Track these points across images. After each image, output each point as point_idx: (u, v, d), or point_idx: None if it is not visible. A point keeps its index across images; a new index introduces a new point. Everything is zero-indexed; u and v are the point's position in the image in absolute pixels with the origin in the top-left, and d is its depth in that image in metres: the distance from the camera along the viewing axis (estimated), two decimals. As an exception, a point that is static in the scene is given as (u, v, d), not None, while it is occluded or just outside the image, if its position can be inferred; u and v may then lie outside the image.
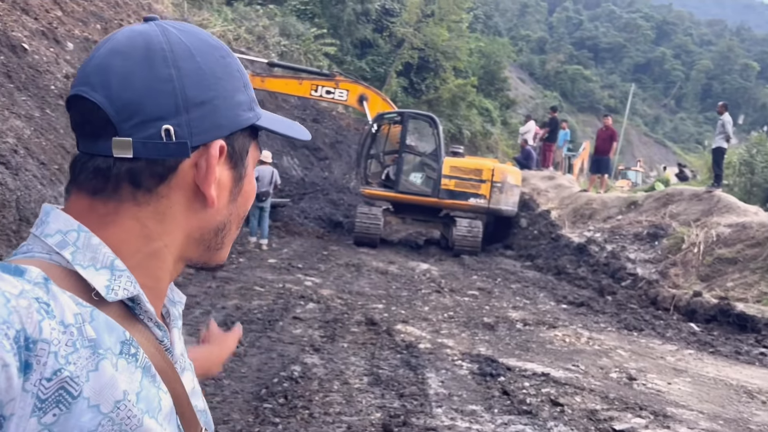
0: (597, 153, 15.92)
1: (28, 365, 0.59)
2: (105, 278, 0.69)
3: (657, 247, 10.99)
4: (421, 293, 9.12)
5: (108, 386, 0.65)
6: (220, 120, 0.75)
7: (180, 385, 0.77)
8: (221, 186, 0.77)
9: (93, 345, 0.65)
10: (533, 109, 50.26)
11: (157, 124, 0.71)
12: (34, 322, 0.60)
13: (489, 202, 13.34)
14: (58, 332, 0.62)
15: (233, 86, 0.77)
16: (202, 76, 0.73)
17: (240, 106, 0.77)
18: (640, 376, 6.06)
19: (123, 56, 0.71)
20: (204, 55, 0.75)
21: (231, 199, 0.79)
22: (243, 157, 0.80)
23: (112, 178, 0.71)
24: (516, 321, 7.92)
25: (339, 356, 5.99)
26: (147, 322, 0.75)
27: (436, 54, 33.91)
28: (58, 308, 0.64)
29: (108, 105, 0.70)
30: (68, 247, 0.70)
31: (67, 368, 0.62)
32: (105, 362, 0.66)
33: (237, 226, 0.83)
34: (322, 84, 14.37)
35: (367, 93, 14.46)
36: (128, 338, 0.70)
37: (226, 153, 0.76)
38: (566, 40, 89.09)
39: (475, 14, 50.03)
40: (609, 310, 9.06)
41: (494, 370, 5.89)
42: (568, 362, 6.40)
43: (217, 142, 0.75)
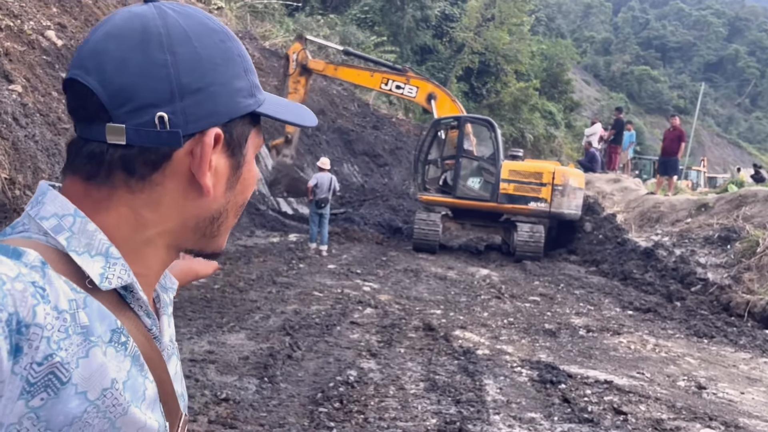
0: (664, 154, 15.38)
1: (19, 348, 0.59)
2: (99, 265, 0.69)
3: (729, 251, 10.50)
4: (480, 299, 8.99)
5: (97, 374, 0.65)
6: (216, 107, 0.73)
7: (166, 373, 0.77)
8: (218, 174, 0.75)
9: (85, 332, 0.65)
10: (599, 111, 49.18)
11: (151, 111, 0.69)
12: (28, 306, 0.60)
13: (550, 206, 13.05)
14: (52, 317, 0.62)
15: (232, 72, 0.75)
16: (199, 62, 0.71)
17: (239, 93, 0.75)
18: (710, 385, 5.78)
19: (118, 40, 0.70)
20: (202, 39, 0.73)
21: (228, 187, 0.77)
22: (242, 145, 0.78)
23: (106, 164, 0.70)
24: (579, 327, 7.70)
25: (396, 361, 5.95)
26: (138, 310, 0.75)
27: (497, 58, 33.66)
28: (54, 293, 0.63)
29: (101, 90, 0.69)
30: (64, 232, 0.69)
31: (58, 354, 0.62)
32: (95, 350, 0.66)
33: (235, 214, 0.81)
34: (393, 78, 14.33)
35: (436, 92, 14.36)
36: (119, 327, 0.70)
37: (224, 141, 0.74)
38: (632, 40, 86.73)
39: (536, 17, 49.37)
40: (677, 316, 8.70)
41: (555, 377, 5.72)
42: (633, 370, 6.17)
43: (212, 130, 0.73)
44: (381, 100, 27.47)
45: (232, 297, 7.77)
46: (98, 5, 12.73)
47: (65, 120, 9.04)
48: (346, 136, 20.86)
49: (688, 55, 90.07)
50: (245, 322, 6.79)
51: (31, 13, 10.28)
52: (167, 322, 0.84)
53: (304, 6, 29.26)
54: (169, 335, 0.84)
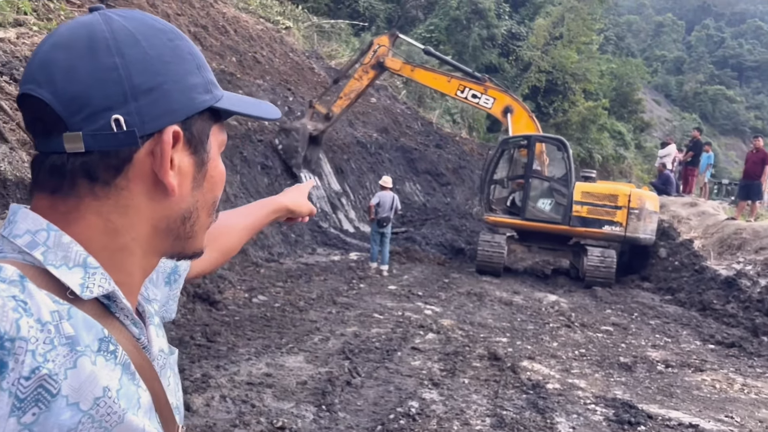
0: (746, 177, 14.51)
1: (4, 364, 0.58)
2: (79, 276, 0.69)
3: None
4: (548, 327, 8.54)
5: (87, 383, 0.65)
6: (171, 105, 0.72)
7: (158, 383, 0.77)
8: (182, 173, 0.75)
9: (71, 342, 0.65)
10: (670, 132, 47.66)
11: (106, 114, 0.69)
12: (10, 320, 0.59)
13: (625, 230, 12.43)
14: (36, 330, 0.62)
15: (184, 69, 0.74)
16: (149, 62, 0.71)
17: (194, 89, 0.75)
18: (809, 434, 5.22)
19: (65, 49, 0.70)
20: (150, 39, 0.72)
21: (195, 185, 0.77)
22: (203, 141, 0.77)
23: (68, 174, 0.70)
24: (656, 361, 7.17)
25: (459, 393, 5.62)
26: (123, 319, 0.74)
27: (565, 76, 33.00)
28: (35, 306, 0.63)
29: (55, 100, 0.69)
30: (39, 247, 0.69)
31: (45, 366, 0.61)
32: (83, 359, 0.65)
33: (207, 213, 0.81)
34: (471, 86, 14.00)
35: (513, 105, 13.93)
36: (106, 335, 0.70)
37: (184, 138, 0.74)
38: (706, 59, 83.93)
39: (605, 36, 48.33)
40: (765, 352, 8.03)
41: (633, 418, 5.28)
42: (720, 412, 5.64)
43: (170, 128, 0.72)
44: (445, 119, 27.22)
45: (292, 317, 7.61)
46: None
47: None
48: (408, 154, 20.67)
49: (767, 74, 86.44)
50: (304, 344, 6.60)
51: None
52: (155, 332, 0.83)
53: (371, 26, 29.41)
54: (158, 346, 0.82)
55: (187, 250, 0.81)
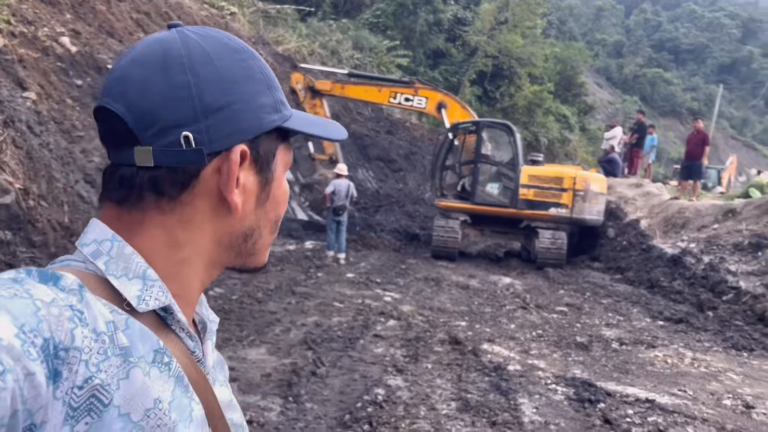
0: (688, 158, 15.01)
1: (58, 373, 0.59)
2: (137, 288, 0.70)
3: (761, 258, 10.15)
4: (505, 309, 8.70)
5: (138, 394, 0.65)
6: (241, 124, 0.74)
7: (212, 395, 0.77)
8: (247, 191, 0.76)
9: (124, 353, 0.65)
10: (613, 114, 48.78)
11: (176, 131, 0.70)
12: (65, 329, 0.60)
13: (572, 212, 12.72)
14: (90, 340, 0.62)
15: (255, 89, 0.75)
16: (221, 81, 0.72)
17: (262, 109, 0.76)
18: (758, 404, 5.46)
19: (141, 65, 0.72)
20: (223, 59, 0.74)
21: (258, 204, 0.79)
22: (269, 161, 0.79)
23: (136, 187, 0.71)
24: (611, 340, 7.39)
25: (423, 378, 5.68)
26: (179, 332, 0.75)
27: (511, 61, 33.29)
28: (91, 316, 0.64)
29: (128, 114, 0.70)
30: (102, 256, 0.70)
31: (98, 376, 0.62)
32: (136, 370, 0.66)
33: (270, 231, 0.82)
34: (401, 91, 14.21)
35: (446, 100, 14.16)
36: (161, 347, 0.70)
37: (250, 157, 0.75)
38: (645, 42, 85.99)
39: (548, 20, 48.96)
40: (711, 327, 8.37)
41: (593, 396, 5.43)
42: (674, 386, 5.86)
43: (238, 147, 0.74)
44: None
45: (251, 308, 7.54)
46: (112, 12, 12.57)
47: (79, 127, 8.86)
48: (360, 141, 20.62)
49: (702, 57, 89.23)
50: (266, 336, 6.55)
51: (45, 20, 10.12)
52: (211, 347, 0.83)
53: (317, 11, 29.10)
54: (212, 360, 0.82)
55: (249, 264, 0.82)
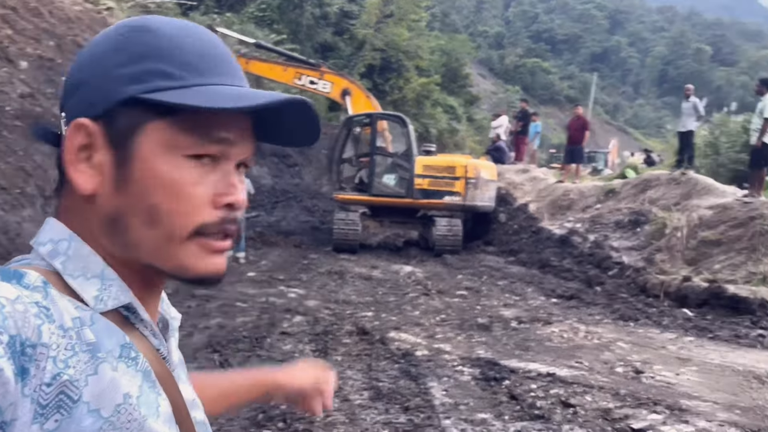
0: (570, 143, 15.85)
1: (25, 370, 0.57)
2: (95, 288, 0.69)
3: (640, 234, 10.91)
4: (409, 297, 8.86)
5: (108, 390, 0.64)
6: (91, 98, 0.69)
7: (178, 393, 0.75)
8: (103, 170, 0.69)
9: (92, 349, 0.64)
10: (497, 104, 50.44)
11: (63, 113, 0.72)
12: (32, 326, 0.59)
13: (464, 199, 13.15)
14: (58, 336, 0.61)
15: (116, 61, 0.69)
16: (89, 58, 0.71)
17: (116, 80, 0.68)
18: (646, 369, 5.89)
19: None
20: (106, 37, 0.71)
21: (117, 186, 0.69)
22: (128, 137, 0.68)
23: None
24: (510, 319, 7.71)
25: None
26: (143, 330, 0.73)
27: (398, 54, 33.74)
28: (57, 312, 0.63)
29: None
30: (59, 256, 0.69)
31: (66, 372, 0.61)
32: (104, 366, 0.65)
33: (144, 222, 0.69)
34: (307, 73, 14.04)
35: (351, 87, 14.17)
36: (128, 342, 0.69)
37: (103, 132, 0.69)
38: (523, 33, 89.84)
39: (432, 13, 50.01)
40: (600, 301, 8.91)
41: (498, 374, 5.65)
42: (571, 359, 6.20)
43: (76, 120, 0.69)
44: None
45: (150, 315, 7.25)
46: None
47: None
48: (252, 137, 20.26)
49: (576, 47, 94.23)
50: (168, 342, 6.33)
51: None
52: (174, 345, 0.81)
53: (199, 5, 28.22)
54: (177, 357, 0.81)
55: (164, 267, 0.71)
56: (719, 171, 20.23)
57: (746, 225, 9.72)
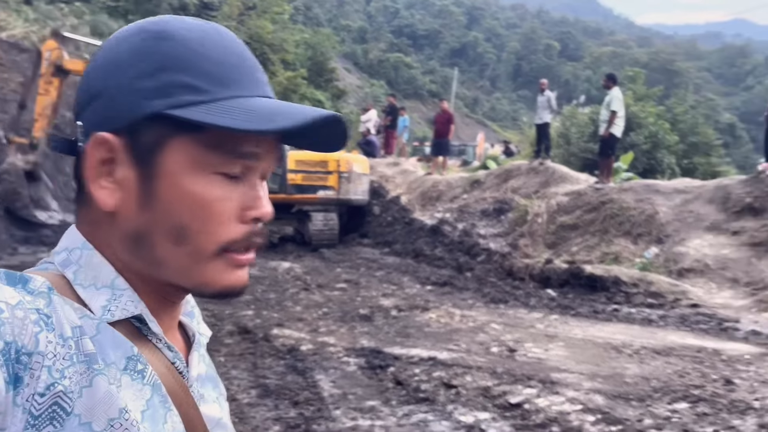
0: (437, 136, 16.42)
1: (19, 378, 0.56)
2: (105, 298, 0.67)
3: (504, 221, 11.56)
4: (289, 293, 8.85)
5: (101, 403, 0.62)
6: (112, 110, 0.67)
7: (194, 409, 0.72)
8: (124, 186, 0.67)
9: (89, 360, 0.63)
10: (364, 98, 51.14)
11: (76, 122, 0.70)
12: (29, 333, 0.58)
13: (338, 193, 13.28)
14: (55, 345, 0.60)
15: (138, 71, 0.66)
16: (107, 65, 0.68)
17: (139, 93, 0.66)
18: (518, 347, 6.28)
19: None
20: (124, 41, 0.69)
21: (141, 204, 0.67)
22: (152, 153, 0.66)
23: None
24: (389, 308, 7.92)
25: (219, 372, 5.59)
26: (156, 342, 0.71)
27: (263, 47, 33.25)
28: (58, 320, 0.61)
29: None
30: (71, 266, 0.68)
31: (61, 382, 0.59)
32: (100, 378, 0.63)
33: (170, 240, 0.67)
34: None
35: None
36: (135, 354, 0.67)
37: (127, 147, 0.67)
38: (385, 28, 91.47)
39: (295, 6, 49.73)
40: (471, 286, 9.36)
41: (382, 362, 5.81)
42: (449, 343, 6.49)
43: (96, 134, 0.67)
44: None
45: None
46: None
47: None
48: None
49: (436, 42, 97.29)
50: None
51: None
52: (197, 360, 0.78)
53: (44, -8, 26.27)
54: (198, 372, 0.77)
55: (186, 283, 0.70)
56: (571, 160, 21.84)
57: (598, 209, 10.59)
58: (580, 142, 23.53)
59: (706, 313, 7.81)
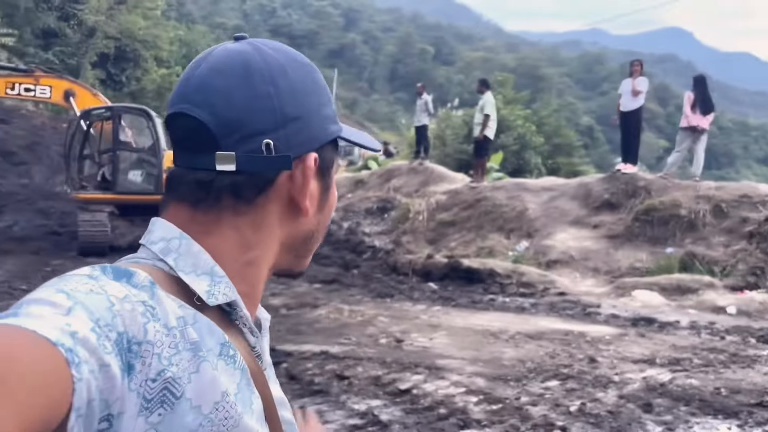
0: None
1: (131, 366, 0.60)
2: (206, 284, 0.73)
3: (387, 219, 11.94)
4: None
5: (208, 388, 0.67)
6: (312, 133, 0.79)
7: (269, 390, 0.79)
8: (312, 196, 0.80)
9: (194, 347, 0.68)
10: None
11: (258, 138, 0.75)
12: (138, 324, 0.62)
13: None
14: (162, 334, 0.64)
15: (320, 100, 0.81)
16: (296, 92, 0.78)
17: (327, 119, 0.81)
18: (405, 337, 6.60)
19: (223, 75, 0.75)
20: (296, 71, 0.79)
21: (319, 208, 0.83)
22: (330, 168, 0.84)
23: (214, 189, 0.75)
24: (279, 307, 8.02)
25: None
26: (242, 327, 0.77)
27: (135, 43, 31.93)
28: (163, 311, 0.66)
29: (211, 121, 0.74)
30: (171, 253, 0.73)
31: (170, 369, 0.64)
32: (205, 364, 0.68)
33: (323, 234, 0.88)
34: (20, 81, 12.67)
35: (73, 88, 13.12)
36: (227, 341, 0.72)
37: (316, 164, 0.79)
38: (263, 27, 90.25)
39: (168, 2, 48.03)
40: (358, 282, 9.63)
41: (275, 358, 5.83)
42: (340, 337, 6.70)
43: (311, 154, 0.78)
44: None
45: None
46: None
47: None
48: (-33, 133, 17.83)
49: (314, 42, 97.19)
50: None
51: None
52: (266, 344, 0.88)
53: None
54: (268, 357, 0.88)
55: (297, 267, 0.88)
56: (447, 160, 22.74)
57: (474, 207, 11.21)
58: (455, 143, 24.57)
59: (571, 300, 8.54)
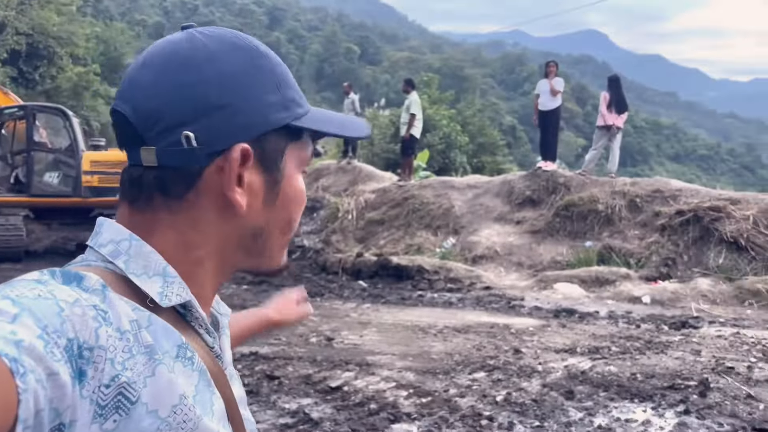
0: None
1: (83, 372, 0.58)
2: (158, 285, 0.70)
3: (317, 219, 11.93)
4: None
5: (164, 391, 0.66)
6: (242, 122, 0.73)
7: (230, 390, 0.77)
8: (252, 191, 0.75)
9: (149, 350, 0.66)
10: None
11: (178, 130, 0.71)
12: (89, 329, 0.60)
13: None
14: (115, 339, 0.62)
15: (260, 87, 0.75)
16: (223, 79, 0.72)
17: (268, 107, 0.75)
18: (335, 336, 6.63)
19: (147, 67, 0.73)
20: (229, 57, 0.74)
21: (266, 203, 0.77)
22: (277, 160, 0.76)
23: (144, 187, 0.72)
24: (207, 309, 7.90)
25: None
26: (198, 328, 0.75)
27: (48, 40, 30.61)
28: (115, 315, 0.64)
29: (133, 115, 0.72)
30: (121, 256, 0.70)
31: (124, 374, 0.62)
32: (161, 367, 0.66)
33: (282, 231, 0.80)
34: None
35: None
36: (184, 342, 0.71)
37: (255, 156, 0.74)
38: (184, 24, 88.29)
39: (83, -3, 46.29)
40: (288, 282, 9.57)
41: (203, 361, 5.84)
42: (270, 337, 6.65)
43: (238, 145, 0.72)
44: None
45: None
46: None
47: None
48: None
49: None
50: None
51: None
52: (227, 343, 0.84)
53: None
54: (229, 357, 0.84)
55: (262, 266, 0.82)
56: (374, 160, 22.87)
57: (402, 205, 11.34)
58: (382, 142, 24.72)
59: (497, 293, 8.78)
